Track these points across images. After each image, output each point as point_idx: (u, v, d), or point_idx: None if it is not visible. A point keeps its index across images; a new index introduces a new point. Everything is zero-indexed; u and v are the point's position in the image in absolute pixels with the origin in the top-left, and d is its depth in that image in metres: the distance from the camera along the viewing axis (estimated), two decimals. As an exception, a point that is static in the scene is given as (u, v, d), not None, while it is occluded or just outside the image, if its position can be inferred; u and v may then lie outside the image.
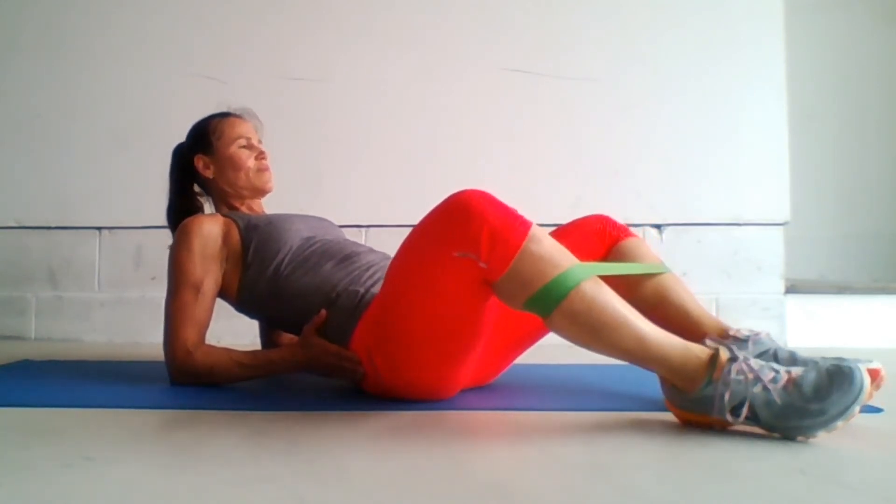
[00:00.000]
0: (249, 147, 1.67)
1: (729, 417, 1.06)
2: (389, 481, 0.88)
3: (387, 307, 1.27)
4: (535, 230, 1.11)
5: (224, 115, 1.71)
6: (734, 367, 1.06)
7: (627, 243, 1.47)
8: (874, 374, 1.16)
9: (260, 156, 1.67)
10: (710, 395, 1.07)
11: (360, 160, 2.49)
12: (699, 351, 1.10)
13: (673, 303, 1.38)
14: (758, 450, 1.00)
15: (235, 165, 1.64)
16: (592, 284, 1.09)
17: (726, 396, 1.05)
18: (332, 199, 2.45)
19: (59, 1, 2.56)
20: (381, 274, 1.43)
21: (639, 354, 1.10)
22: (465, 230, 1.10)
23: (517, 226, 1.10)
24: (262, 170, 1.66)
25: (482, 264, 1.10)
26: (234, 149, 1.65)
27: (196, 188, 1.73)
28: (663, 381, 1.14)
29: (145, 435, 1.12)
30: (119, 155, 2.51)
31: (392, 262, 1.27)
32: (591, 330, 1.09)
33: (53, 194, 2.52)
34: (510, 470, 0.94)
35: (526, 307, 1.11)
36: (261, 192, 1.68)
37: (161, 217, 1.73)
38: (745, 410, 1.04)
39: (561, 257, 1.10)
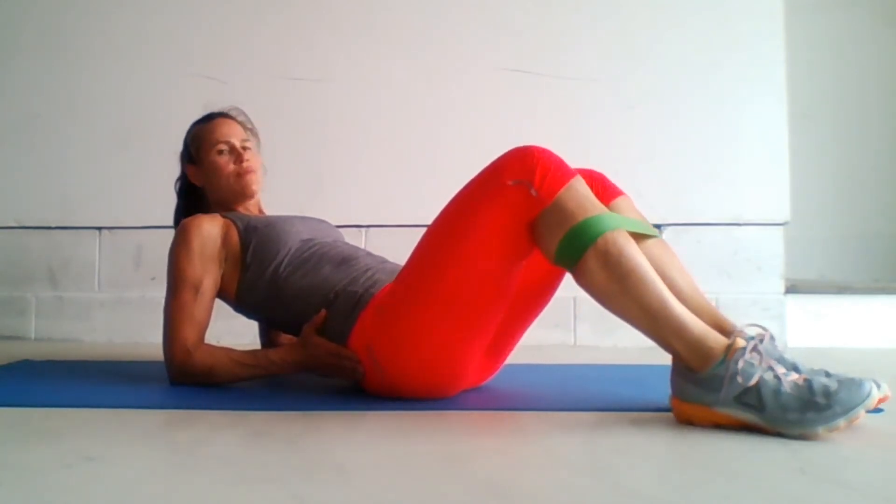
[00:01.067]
0: (230, 150, 1.64)
1: (733, 409, 1.06)
2: (389, 481, 0.88)
3: (411, 276, 1.28)
4: (580, 177, 1.20)
5: (206, 120, 1.70)
6: (750, 345, 1.08)
7: (617, 204, 1.39)
8: (880, 399, 1.14)
9: (238, 159, 1.62)
10: (722, 374, 1.07)
11: (360, 160, 2.49)
12: (718, 334, 1.12)
13: (666, 284, 1.24)
14: (758, 450, 1.00)
15: (215, 173, 1.63)
16: (624, 235, 1.15)
17: (740, 365, 1.06)
18: (332, 200, 2.45)
19: (59, 1, 2.56)
20: (379, 276, 1.43)
21: (660, 316, 1.11)
22: (521, 163, 1.19)
23: (567, 168, 1.20)
24: (241, 173, 1.62)
25: (533, 192, 1.16)
26: (212, 156, 1.63)
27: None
28: (674, 358, 1.14)
29: (145, 435, 1.12)
30: (119, 155, 2.51)
31: (431, 224, 1.29)
32: (619, 277, 1.11)
33: (53, 194, 2.52)
34: (510, 470, 0.94)
35: (561, 245, 1.14)
36: (242, 195, 1.64)
37: (161, 217, 1.74)
38: (753, 381, 1.05)
39: (599, 205, 1.18)
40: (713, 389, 1.08)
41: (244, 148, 1.65)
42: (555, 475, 0.91)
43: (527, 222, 1.19)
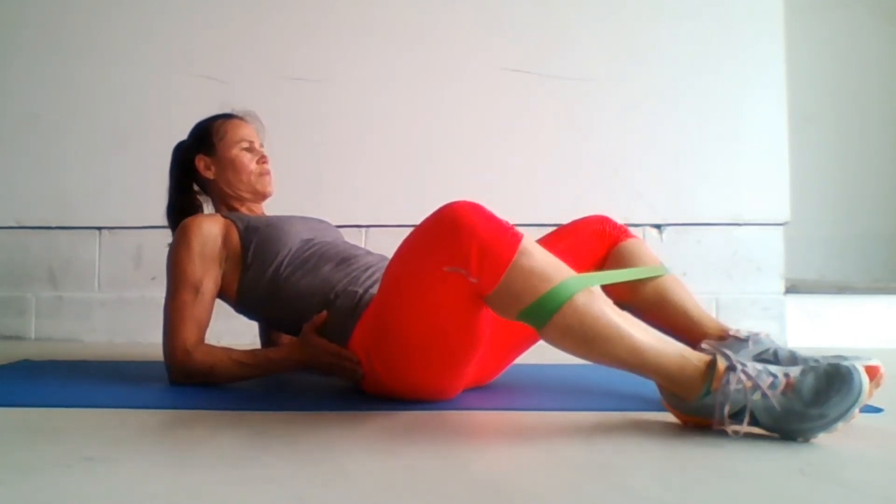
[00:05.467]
0: (251, 150, 1.67)
1: (729, 429, 1.06)
2: (389, 481, 0.88)
3: (383, 314, 1.27)
4: (525, 243, 1.09)
5: (227, 117, 1.71)
6: (732, 377, 1.05)
7: (627, 245, 1.47)
8: (873, 372, 1.16)
9: (261, 160, 1.67)
10: (710, 404, 1.07)
11: (360, 160, 2.49)
12: (696, 359, 1.09)
13: (673, 304, 1.39)
14: (758, 450, 1.00)
15: (237, 168, 1.64)
16: (585, 296, 1.08)
17: (726, 409, 1.05)
18: (332, 200, 2.45)
19: (58, 1, 2.56)
20: (380, 275, 1.42)
21: (634, 364, 1.09)
22: (455, 245, 1.09)
23: (507, 239, 1.09)
24: (263, 174, 1.67)
25: (472, 279, 1.09)
26: (235, 151, 1.65)
27: (196, 187, 1.73)
28: (661, 388, 1.14)
29: (145, 435, 1.12)
30: (119, 155, 2.51)
31: (386, 271, 1.27)
32: (583, 342, 1.08)
33: (53, 194, 2.52)
34: (510, 470, 0.94)
35: (519, 320, 1.11)
36: (261, 195, 1.68)
37: (161, 217, 1.73)
38: (746, 419, 1.04)
39: (552, 271, 1.08)
40: (705, 412, 1.08)
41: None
42: (555, 475, 0.91)
43: (477, 295, 1.12)
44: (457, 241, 1.09)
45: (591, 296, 1.08)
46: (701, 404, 1.08)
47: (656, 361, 1.09)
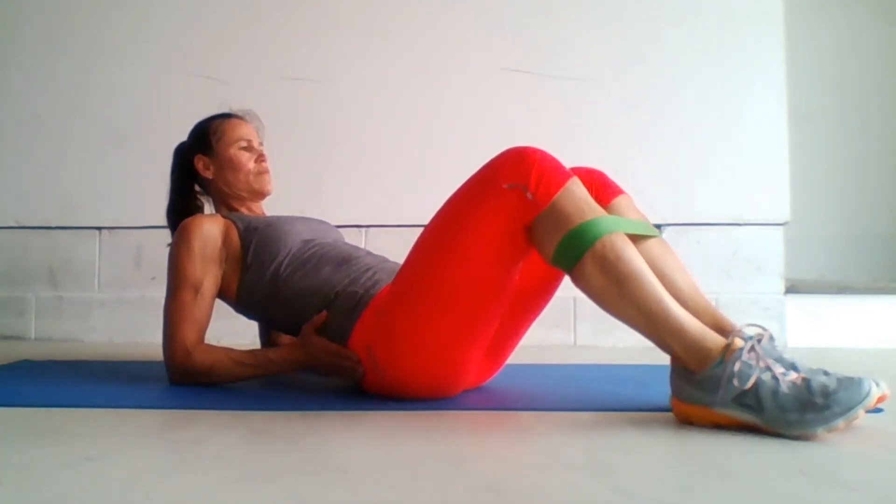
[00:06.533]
0: (250, 149, 1.67)
1: (731, 409, 1.06)
2: (389, 481, 0.88)
3: (408, 278, 1.28)
4: (577, 179, 1.19)
5: (225, 116, 1.71)
6: (747, 345, 1.08)
7: (617, 203, 1.38)
8: (880, 399, 1.14)
9: (260, 158, 1.67)
10: (719, 374, 1.07)
11: (360, 160, 2.49)
12: (715, 335, 1.12)
13: (666, 287, 1.24)
14: (758, 450, 1.00)
15: (235, 167, 1.65)
16: (622, 237, 1.14)
17: (737, 367, 1.06)
18: (332, 200, 2.45)
19: (59, 1, 2.56)
20: (380, 276, 1.43)
21: (658, 318, 1.11)
22: (517, 166, 1.18)
23: (563, 170, 1.20)
24: (261, 172, 1.67)
25: (529, 195, 1.15)
26: (234, 150, 1.65)
27: (197, 188, 1.73)
28: (673, 359, 1.14)
29: (145, 435, 1.12)
30: (119, 155, 2.51)
31: (428, 225, 1.29)
32: (617, 280, 1.11)
33: (53, 194, 2.52)
34: (510, 470, 0.94)
35: (559, 249, 1.14)
36: (260, 194, 1.68)
37: (161, 217, 1.73)
38: (750, 383, 1.05)
39: (596, 207, 1.17)
40: (711, 390, 1.08)
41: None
42: (555, 475, 0.91)
43: (523, 225, 1.18)
44: (519, 163, 1.18)
45: (626, 240, 1.15)
46: (711, 374, 1.08)
47: (679, 322, 1.11)
